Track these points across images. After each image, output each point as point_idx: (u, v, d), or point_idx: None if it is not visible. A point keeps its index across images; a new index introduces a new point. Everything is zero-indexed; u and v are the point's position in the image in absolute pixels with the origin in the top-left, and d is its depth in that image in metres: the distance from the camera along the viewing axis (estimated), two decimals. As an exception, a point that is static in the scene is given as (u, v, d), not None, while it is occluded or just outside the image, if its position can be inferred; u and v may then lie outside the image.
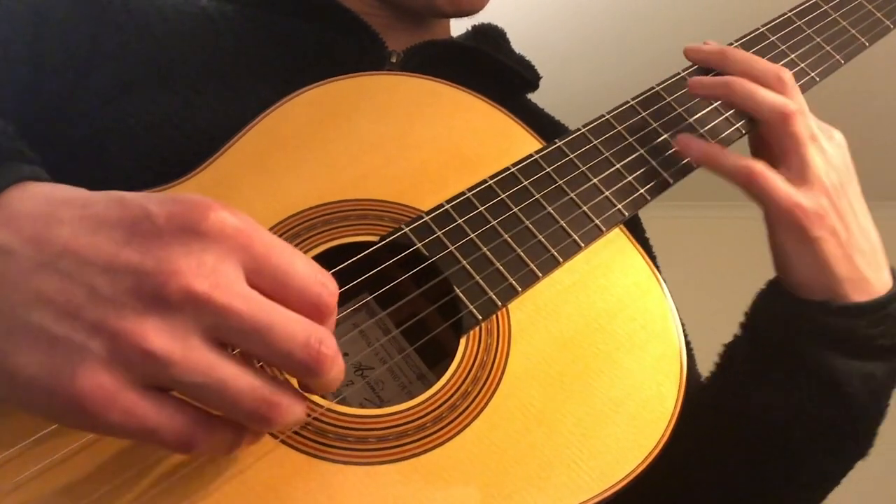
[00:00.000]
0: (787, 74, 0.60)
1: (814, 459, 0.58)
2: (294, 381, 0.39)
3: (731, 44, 0.67)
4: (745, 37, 0.68)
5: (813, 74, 0.67)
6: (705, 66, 0.64)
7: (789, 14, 0.70)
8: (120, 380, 0.33)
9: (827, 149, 0.58)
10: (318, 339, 0.36)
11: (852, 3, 0.73)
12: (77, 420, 0.33)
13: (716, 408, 0.60)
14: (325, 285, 0.37)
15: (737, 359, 0.60)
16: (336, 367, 0.37)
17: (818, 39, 0.69)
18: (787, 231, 0.57)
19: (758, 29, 0.69)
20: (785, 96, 0.59)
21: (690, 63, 0.66)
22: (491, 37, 0.77)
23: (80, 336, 0.33)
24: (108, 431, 0.34)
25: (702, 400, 0.58)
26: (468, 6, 0.70)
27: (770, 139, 0.59)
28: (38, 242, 0.34)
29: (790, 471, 0.58)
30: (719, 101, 0.63)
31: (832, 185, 0.57)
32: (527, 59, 0.78)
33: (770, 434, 0.58)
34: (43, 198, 0.36)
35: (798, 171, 0.57)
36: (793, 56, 0.68)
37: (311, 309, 0.36)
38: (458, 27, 0.77)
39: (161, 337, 0.33)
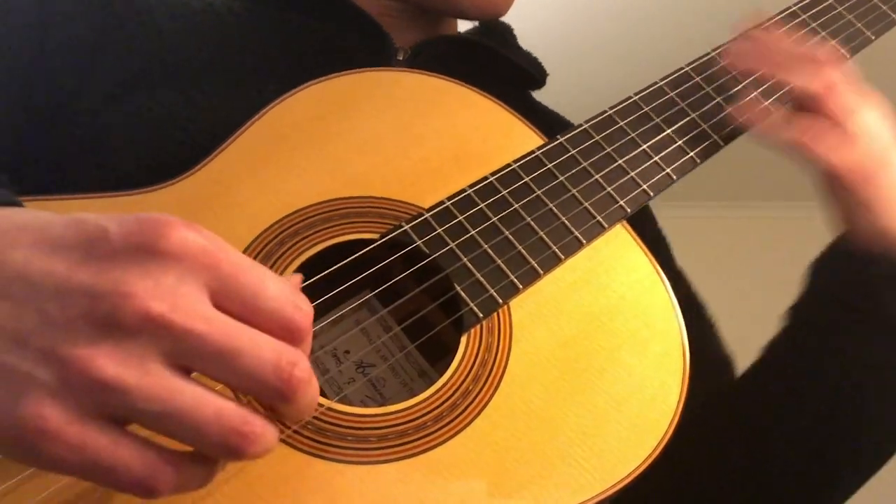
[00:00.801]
0: (823, 51, 0.62)
1: (883, 423, 0.59)
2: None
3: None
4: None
5: None
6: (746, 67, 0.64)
7: (794, 8, 0.70)
8: (68, 411, 0.31)
9: (869, 117, 0.60)
10: (290, 361, 0.33)
11: (858, -5, 0.72)
12: (22, 455, 0.32)
13: (784, 374, 0.61)
14: (298, 307, 0.34)
15: (804, 318, 0.62)
16: (310, 393, 0.34)
17: (823, 33, 0.69)
18: (843, 193, 0.59)
19: (762, 23, 0.68)
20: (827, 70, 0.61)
21: (690, 63, 0.65)
22: (497, 32, 0.76)
23: (28, 364, 0.31)
24: (57, 468, 0.32)
25: (761, 376, 0.60)
26: (492, 9, 0.68)
27: (813, 112, 0.60)
28: None
29: (857, 435, 0.59)
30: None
31: (881, 148, 0.59)
32: (533, 55, 0.77)
33: (844, 389, 0.58)
34: (2, 222, 0.34)
35: (845, 138, 0.59)
36: None
37: (283, 332, 0.34)
38: (467, 23, 0.76)
39: (114, 363, 0.31)
